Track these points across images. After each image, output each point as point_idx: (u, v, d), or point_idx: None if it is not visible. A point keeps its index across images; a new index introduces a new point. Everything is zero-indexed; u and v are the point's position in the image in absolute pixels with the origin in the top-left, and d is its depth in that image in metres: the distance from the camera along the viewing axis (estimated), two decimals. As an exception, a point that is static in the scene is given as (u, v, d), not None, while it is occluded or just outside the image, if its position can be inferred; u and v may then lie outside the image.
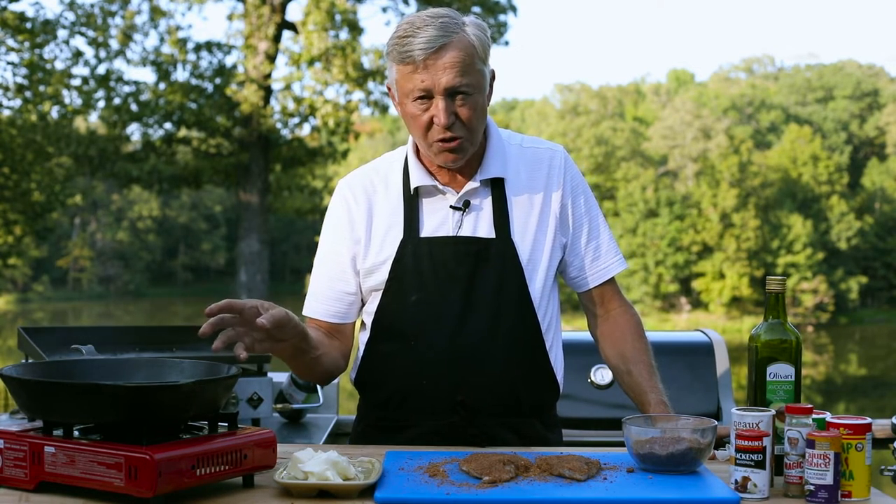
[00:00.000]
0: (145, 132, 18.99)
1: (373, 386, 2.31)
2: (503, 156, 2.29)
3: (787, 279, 2.64)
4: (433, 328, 2.20)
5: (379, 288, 2.25)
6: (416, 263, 2.21)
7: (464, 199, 2.25)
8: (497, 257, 2.22)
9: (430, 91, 2.12)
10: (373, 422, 2.32)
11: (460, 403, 2.19)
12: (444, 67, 2.10)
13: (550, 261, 2.28)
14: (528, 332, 2.24)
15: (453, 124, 2.14)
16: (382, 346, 2.27)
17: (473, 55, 2.14)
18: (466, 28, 2.15)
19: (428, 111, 2.14)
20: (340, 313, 2.31)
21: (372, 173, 2.34)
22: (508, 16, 20.49)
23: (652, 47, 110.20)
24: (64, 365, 1.98)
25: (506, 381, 2.22)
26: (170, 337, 3.02)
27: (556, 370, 2.31)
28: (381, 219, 2.27)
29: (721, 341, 3.41)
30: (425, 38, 2.10)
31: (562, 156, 2.34)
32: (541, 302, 2.26)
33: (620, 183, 40.09)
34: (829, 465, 1.73)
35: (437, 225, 2.24)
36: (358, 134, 21.02)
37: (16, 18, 16.00)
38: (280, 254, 42.92)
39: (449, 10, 2.17)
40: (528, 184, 2.29)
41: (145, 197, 42.76)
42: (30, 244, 21.89)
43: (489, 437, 2.20)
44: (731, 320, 36.48)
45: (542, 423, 2.31)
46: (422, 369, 2.21)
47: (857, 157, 45.42)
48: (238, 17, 19.51)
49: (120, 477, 1.64)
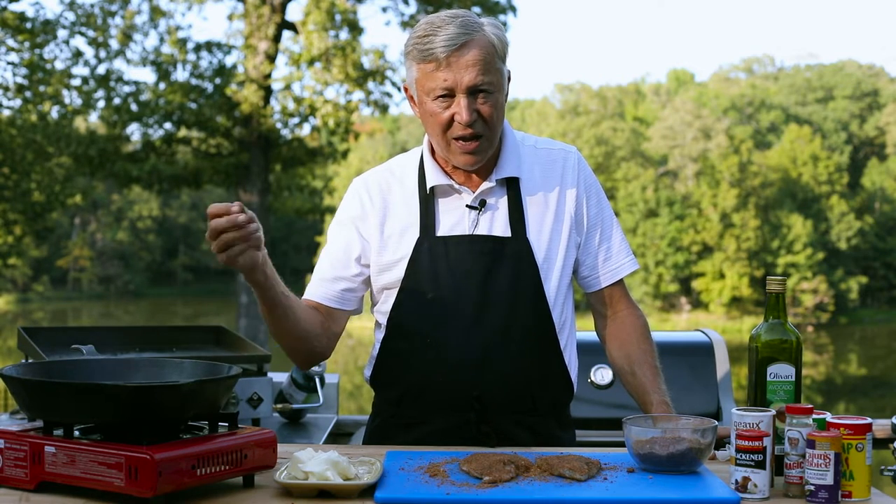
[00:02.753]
0: (145, 132, 18.97)
1: (388, 383, 2.32)
2: (518, 156, 2.30)
3: (787, 279, 2.64)
4: (449, 326, 2.21)
5: (394, 286, 2.26)
6: (433, 262, 2.22)
7: (480, 198, 2.26)
8: (513, 256, 2.23)
9: (453, 89, 2.13)
10: (388, 418, 2.32)
11: (475, 399, 2.19)
12: (466, 65, 2.12)
13: (566, 260, 2.28)
14: (542, 331, 2.25)
15: (475, 122, 2.15)
16: (398, 344, 2.27)
17: (494, 54, 2.15)
18: (485, 27, 2.16)
19: (449, 109, 2.15)
20: (335, 298, 2.29)
21: (387, 173, 2.35)
22: (508, 16, 20.48)
23: (652, 47, 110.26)
24: (64, 365, 1.97)
25: (520, 379, 2.23)
26: (170, 337, 3.02)
27: (571, 369, 2.32)
28: (396, 218, 2.28)
29: (721, 341, 3.41)
30: (447, 36, 2.11)
31: (575, 156, 2.35)
32: (556, 301, 2.26)
33: (620, 183, 40.10)
34: (829, 465, 1.73)
35: (453, 224, 2.25)
36: (358, 134, 21.01)
37: (16, 18, 15.99)
38: (280, 254, 42.90)
39: (466, 11, 2.19)
40: (542, 184, 2.30)
41: (145, 197, 42.76)
42: (30, 244, 21.88)
43: (503, 435, 2.20)
44: (731, 320, 36.50)
45: (557, 422, 2.32)
46: (437, 367, 2.21)
47: (857, 157, 45.43)
48: (238, 17, 19.50)
49: (120, 477, 1.64)
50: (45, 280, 43.18)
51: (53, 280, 44.25)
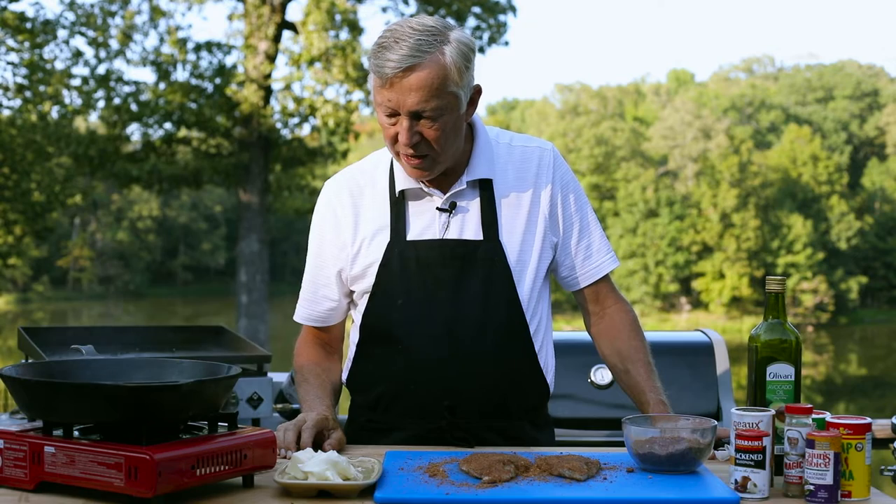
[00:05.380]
0: (145, 132, 18.97)
1: (362, 388, 2.32)
2: (490, 156, 2.26)
3: (787, 279, 2.64)
4: (420, 332, 2.19)
5: (367, 290, 2.25)
6: (403, 267, 2.20)
7: (450, 200, 2.23)
8: (484, 259, 2.20)
9: (397, 110, 2.09)
10: (362, 423, 2.32)
11: (447, 408, 2.19)
12: (409, 89, 2.06)
13: (540, 261, 2.26)
14: (516, 334, 2.23)
15: (417, 144, 2.12)
16: (371, 349, 2.27)
17: (445, 77, 2.07)
18: (446, 47, 2.08)
19: (395, 126, 2.12)
20: (323, 318, 2.36)
21: (358, 174, 2.32)
22: (508, 16, 20.47)
23: (652, 47, 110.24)
24: (64, 365, 1.97)
25: (494, 383, 2.21)
26: (170, 337, 3.02)
27: (546, 371, 2.30)
28: (367, 222, 2.26)
29: (721, 341, 3.41)
30: (397, 57, 2.05)
31: (550, 154, 2.31)
32: (530, 303, 2.24)
33: (620, 183, 40.10)
34: (828, 464, 1.73)
35: (423, 227, 2.23)
36: (358, 134, 21.00)
37: (16, 18, 15.98)
38: (280, 254, 42.88)
39: (436, 24, 2.11)
40: (516, 184, 2.26)
41: (145, 197, 42.74)
42: (30, 244, 21.88)
43: (477, 440, 2.19)
44: (731, 320, 36.49)
45: (532, 423, 2.30)
46: (409, 373, 2.21)
47: (857, 157, 45.43)
48: (238, 17, 19.50)
49: (120, 477, 1.64)
50: (45, 280, 43.15)
51: (53, 280, 44.23)
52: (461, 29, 2.16)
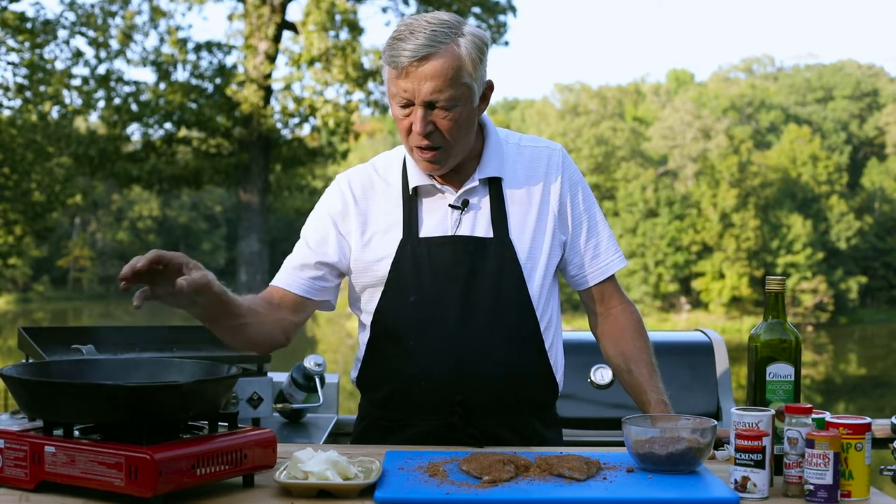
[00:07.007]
0: (145, 132, 18.99)
1: (373, 385, 2.32)
2: (501, 155, 2.29)
3: (787, 279, 2.64)
4: (432, 328, 2.20)
5: (377, 285, 2.26)
6: (415, 264, 2.22)
7: (462, 198, 2.25)
8: (495, 257, 2.22)
9: (412, 99, 2.12)
10: (373, 421, 2.33)
11: (459, 403, 2.19)
12: (425, 78, 2.09)
13: (549, 259, 2.28)
14: (526, 332, 2.24)
15: (430, 134, 2.14)
16: (382, 347, 2.27)
17: (460, 68, 2.10)
18: (461, 39, 2.12)
19: (409, 117, 2.14)
20: (301, 286, 2.27)
21: (371, 171, 2.34)
22: (508, 16, 20.49)
23: (652, 47, 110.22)
24: (64, 365, 1.97)
25: (504, 380, 2.22)
26: (170, 337, 3.01)
27: (556, 369, 2.31)
28: (379, 217, 2.27)
29: (721, 341, 3.41)
30: (412, 46, 2.08)
31: (560, 154, 2.34)
32: (539, 301, 2.26)
33: (620, 183, 40.09)
34: (828, 464, 1.73)
35: (435, 224, 2.24)
36: (358, 134, 21.03)
37: (16, 18, 16.00)
38: (280, 254, 42.58)
39: (450, 18, 2.15)
40: (525, 182, 2.29)
41: (145, 197, 42.74)
42: (30, 244, 21.90)
43: (488, 436, 2.20)
44: (731, 320, 36.48)
45: (541, 421, 2.31)
46: (421, 369, 2.21)
47: (856, 157, 45.41)
48: (238, 17, 19.52)
49: (120, 477, 1.64)
50: (46, 280, 43.16)
51: (53, 280, 44.23)
52: (474, 25, 2.20)
